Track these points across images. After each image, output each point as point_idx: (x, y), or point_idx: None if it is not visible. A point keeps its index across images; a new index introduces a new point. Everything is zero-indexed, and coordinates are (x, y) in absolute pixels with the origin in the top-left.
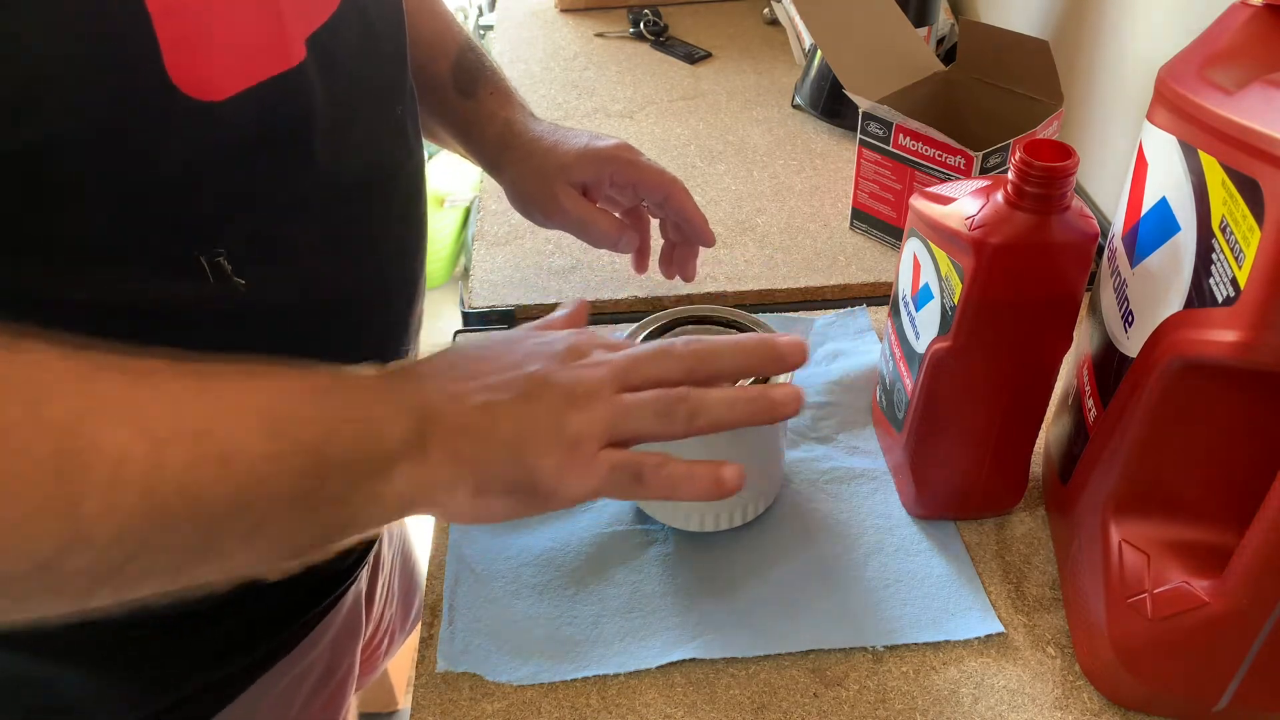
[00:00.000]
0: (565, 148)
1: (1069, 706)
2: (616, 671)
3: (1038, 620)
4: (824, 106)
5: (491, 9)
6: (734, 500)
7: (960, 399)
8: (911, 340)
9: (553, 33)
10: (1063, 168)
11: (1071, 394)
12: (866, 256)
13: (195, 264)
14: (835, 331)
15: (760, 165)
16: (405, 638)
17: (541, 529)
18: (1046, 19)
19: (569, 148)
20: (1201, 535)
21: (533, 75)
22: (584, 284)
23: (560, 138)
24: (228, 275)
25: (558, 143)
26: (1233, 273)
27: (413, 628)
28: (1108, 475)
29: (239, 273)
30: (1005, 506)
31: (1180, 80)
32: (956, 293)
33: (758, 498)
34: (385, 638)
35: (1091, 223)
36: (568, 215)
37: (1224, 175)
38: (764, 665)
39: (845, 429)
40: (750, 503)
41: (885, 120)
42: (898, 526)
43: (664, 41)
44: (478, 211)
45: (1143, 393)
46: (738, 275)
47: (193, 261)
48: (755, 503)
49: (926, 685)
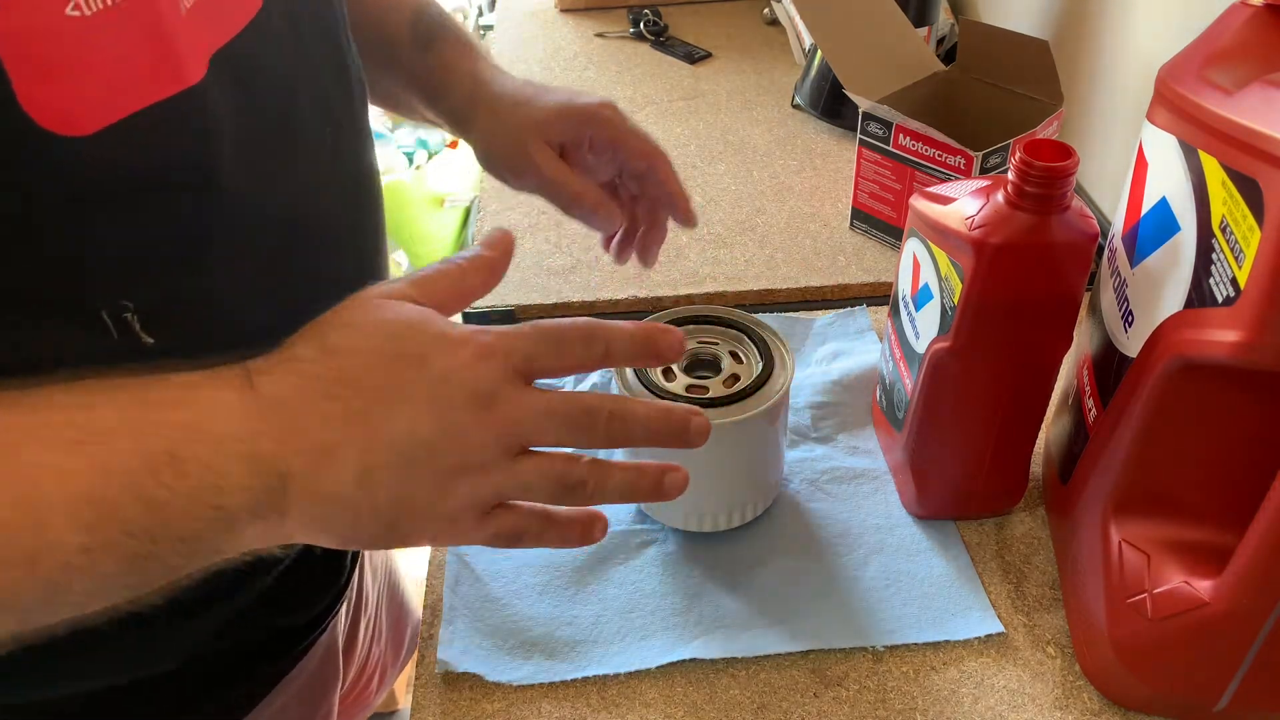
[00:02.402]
0: (541, 102)
1: (1069, 706)
2: (616, 671)
3: (1038, 620)
4: (824, 106)
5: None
6: (733, 501)
7: (960, 399)
8: (911, 340)
9: (553, 33)
10: (1063, 168)
11: (1071, 394)
12: (866, 256)
13: (97, 319)
14: (835, 331)
15: (760, 165)
16: (399, 672)
17: None
18: (1046, 19)
19: (546, 102)
20: (1201, 535)
21: (533, 75)
22: (584, 284)
23: (535, 92)
24: (135, 331)
25: (532, 97)
26: (1233, 273)
27: (406, 660)
28: (1108, 475)
29: (148, 327)
30: (1005, 506)
31: (1180, 80)
32: (956, 293)
33: (757, 498)
34: (375, 676)
35: (1091, 223)
36: (540, 174)
37: (1224, 175)
38: (764, 665)
39: (845, 429)
40: (749, 504)
41: (885, 120)
42: (898, 526)
43: (664, 41)
44: (478, 211)
45: (1143, 393)
46: (738, 275)
47: (94, 316)
48: (755, 503)
49: (926, 685)
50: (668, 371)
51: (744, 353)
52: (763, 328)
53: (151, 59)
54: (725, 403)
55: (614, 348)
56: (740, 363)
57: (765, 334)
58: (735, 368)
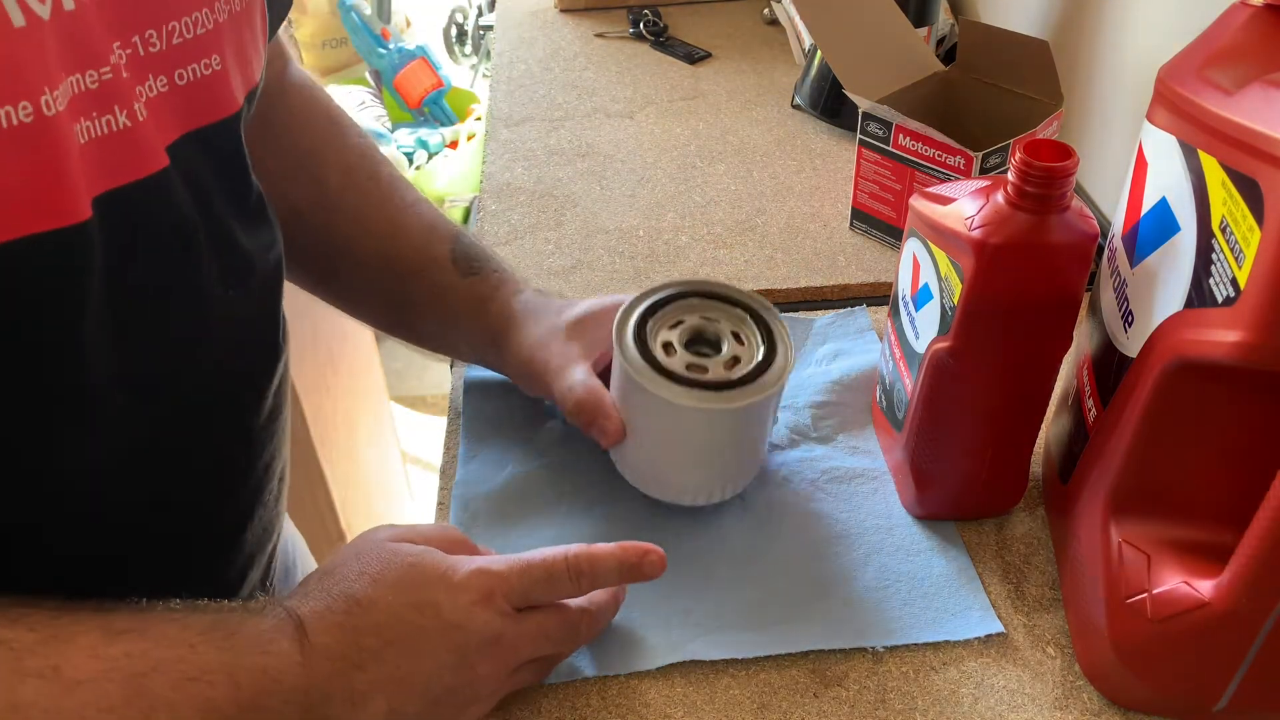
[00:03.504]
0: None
1: (1069, 706)
2: (617, 672)
3: (1038, 620)
4: (824, 106)
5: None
6: (715, 481)
7: (960, 399)
8: (911, 340)
9: (553, 33)
10: (1063, 168)
11: (1071, 394)
12: (866, 256)
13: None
14: (835, 331)
15: (760, 165)
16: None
17: (541, 529)
18: (1046, 19)
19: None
20: (1201, 535)
21: (533, 75)
22: (584, 283)
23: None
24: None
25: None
26: (1233, 273)
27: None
28: (1107, 475)
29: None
30: (1005, 506)
31: (1180, 80)
32: (956, 293)
33: (739, 479)
34: None
35: (1091, 223)
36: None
37: (1224, 175)
38: (764, 665)
39: (845, 429)
40: (730, 484)
41: (885, 120)
42: (898, 526)
43: (664, 41)
44: (478, 211)
45: (1143, 393)
46: (738, 275)
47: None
48: (736, 483)
49: (926, 685)
50: (668, 346)
51: (746, 334)
52: (767, 310)
53: (38, 189)
54: (723, 387)
55: (600, 580)
56: (741, 344)
57: (769, 317)
58: (736, 349)
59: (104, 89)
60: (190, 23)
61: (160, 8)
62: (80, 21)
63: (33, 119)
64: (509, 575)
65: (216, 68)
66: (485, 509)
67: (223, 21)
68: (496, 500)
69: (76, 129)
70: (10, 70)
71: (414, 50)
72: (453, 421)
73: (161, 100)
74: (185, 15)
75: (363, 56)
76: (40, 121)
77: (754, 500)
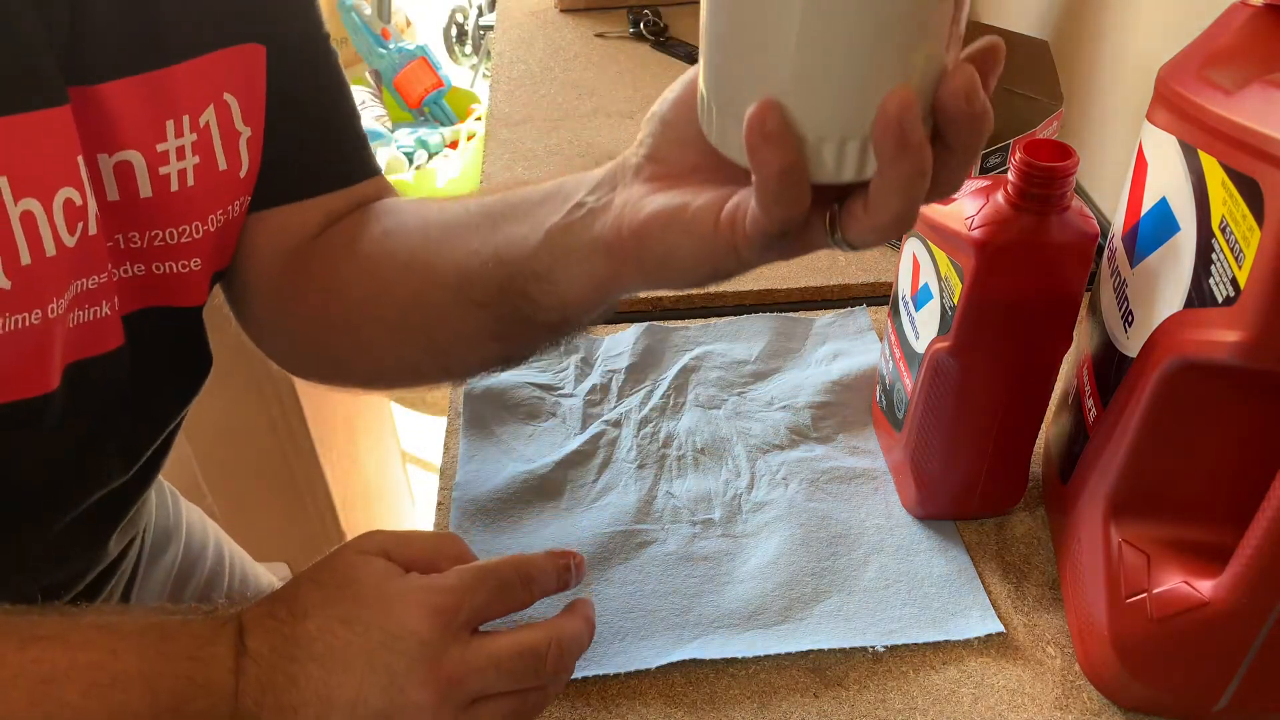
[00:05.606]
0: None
1: (1069, 706)
2: (616, 671)
3: (1038, 620)
4: None
5: (491, 9)
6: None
7: (960, 399)
8: (911, 340)
9: (553, 33)
10: (1063, 168)
11: (1071, 394)
12: (866, 256)
13: None
14: (835, 331)
15: None
16: None
17: (541, 529)
18: (1046, 19)
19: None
20: (1201, 535)
21: (533, 75)
22: None
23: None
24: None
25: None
26: (1233, 273)
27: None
28: (1107, 475)
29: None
30: (1005, 506)
31: (1180, 80)
32: (956, 293)
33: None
34: None
35: (1091, 223)
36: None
37: (1224, 175)
38: (764, 665)
39: (845, 429)
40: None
41: None
42: (898, 526)
43: (664, 41)
44: None
45: (1143, 393)
46: None
47: None
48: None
49: (926, 685)
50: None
51: None
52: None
53: (26, 368)
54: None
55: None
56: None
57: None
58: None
59: (101, 289)
60: (176, 233)
61: (148, 220)
62: (96, 241)
63: (40, 321)
64: (460, 589)
65: (195, 269)
66: (485, 509)
67: (212, 231)
68: (496, 500)
69: (70, 318)
70: (32, 289)
71: (414, 50)
72: (453, 421)
73: (134, 281)
74: (172, 227)
75: (363, 56)
76: (45, 323)
77: (754, 500)
